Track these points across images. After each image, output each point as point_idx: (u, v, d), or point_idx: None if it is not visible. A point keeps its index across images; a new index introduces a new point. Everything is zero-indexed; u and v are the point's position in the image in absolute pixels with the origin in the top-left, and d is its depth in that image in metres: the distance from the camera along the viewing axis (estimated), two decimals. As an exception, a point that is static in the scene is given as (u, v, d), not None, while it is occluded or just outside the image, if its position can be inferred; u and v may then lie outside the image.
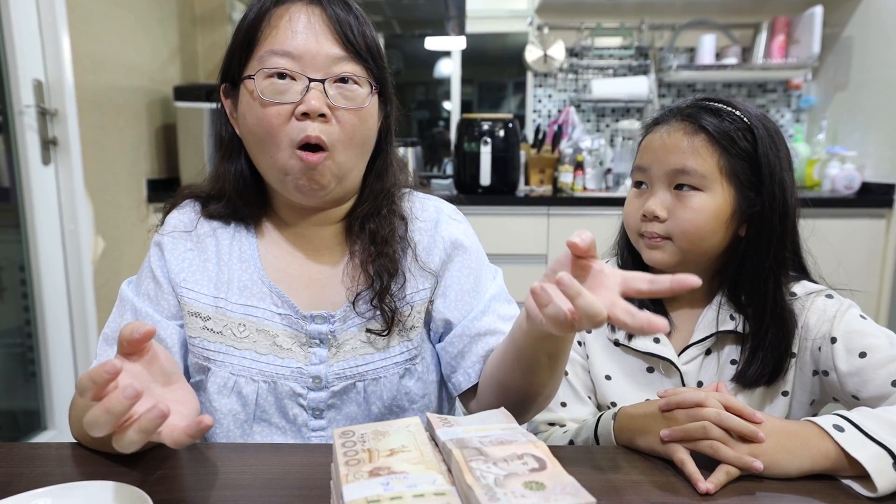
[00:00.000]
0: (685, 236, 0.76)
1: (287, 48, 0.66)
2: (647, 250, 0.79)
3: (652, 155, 0.78)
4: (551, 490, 0.40)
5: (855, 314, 0.74)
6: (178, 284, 0.74)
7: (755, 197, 0.75)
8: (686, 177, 0.75)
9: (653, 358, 0.80)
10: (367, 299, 0.73)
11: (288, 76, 0.66)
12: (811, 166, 2.53)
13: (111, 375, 0.45)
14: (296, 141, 0.66)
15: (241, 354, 0.72)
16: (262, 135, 0.67)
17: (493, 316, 0.76)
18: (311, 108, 0.65)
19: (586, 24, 2.76)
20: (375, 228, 0.75)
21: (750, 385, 0.76)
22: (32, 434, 1.90)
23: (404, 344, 0.75)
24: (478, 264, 0.79)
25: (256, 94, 0.67)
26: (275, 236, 0.78)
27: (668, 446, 0.61)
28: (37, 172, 1.82)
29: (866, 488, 0.56)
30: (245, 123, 0.70)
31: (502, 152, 2.34)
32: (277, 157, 0.68)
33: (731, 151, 0.74)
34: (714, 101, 0.78)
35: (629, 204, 0.82)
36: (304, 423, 0.73)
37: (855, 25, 2.47)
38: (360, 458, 0.46)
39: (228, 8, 2.78)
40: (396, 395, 0.74)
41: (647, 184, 0.80)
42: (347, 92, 0.68)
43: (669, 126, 0.78)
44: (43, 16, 1.79)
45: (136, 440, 0.46)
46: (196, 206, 0.79)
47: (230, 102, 0.74)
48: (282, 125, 0.66)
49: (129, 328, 0.50)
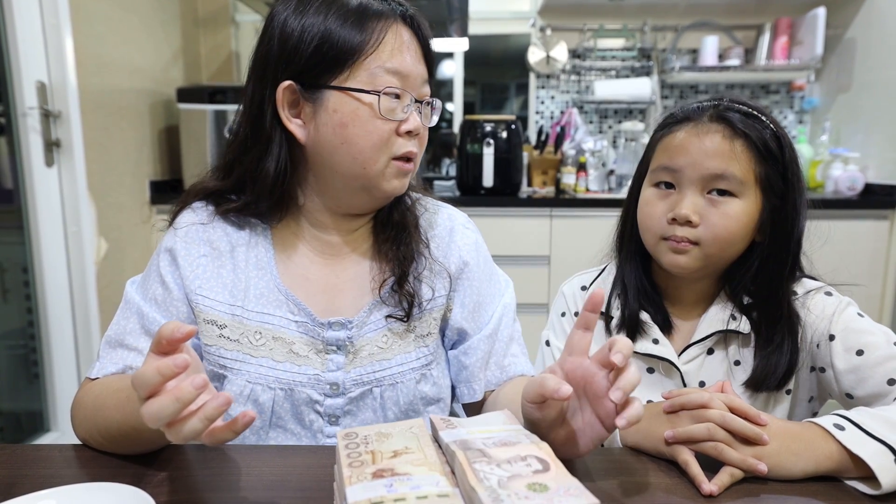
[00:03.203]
0: (716, 242, 0.74)
1: (398, 67, 0.70)
2: (670, 254, 0.76)
3: (686, 157, 0.74)
4: (555, 492, 0.40)
5: (853, 312, 0.74)
6: (192, 292, 0.73)
7: (780, 203, 0.75)
8: (724, 182, 0.73)
9: (652, 359, 0.80)
10: (390, 285, 0.75)
11: (398, 95, 0.70)
12: (814, 168, 2.53)
13: (180, 369, 0.46)
14: (397, 154, 0.72)
15: (258, 362, 0.72)
16: (368, 146, 0.70)
17: (501, 344, 0.80)
18: (416, 127, 0.72)
19: (589, 26, 2.76)
20: (399, 218, 0.78)
21: (760, 390, 0.76)
22: (35, 436, 1.90)
23: (421, 350, 0.75)
24: (489, 277, 0.82)
25: (376, 108, 0.69)
26: (294, 241, 0.77)
27: (673, 448, 0.61)
28: (40, 174, 1.83)
29: (870, 487, 0.56)
30: (342, 133, 0.69)
31: (505, 154, 2.34)
32: (373, 167, 0.71)
33: (767, 159, 0.74)
34: (742, 104, 0.76)
35: (651, 205, 0.78)
36: (320, 429, 0.73)
37: (858, 27, 2.47)
38: (363, 459, 0.46)
39: (231, 10, 2.79)
40: (413, 400, 0.74)
41: (676, 185, 0.76)
42: (428, 111, 0.76)
43: (699, 127, 0.75)
44: (46, 18, 1.80)
45: (200, 428, 0.47)
46: (209, 208, 0.77)
47: (292, 100, 0.70)
48: (390, 138, 0.71)
49: (171, 327, 0.49)
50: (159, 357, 0.49)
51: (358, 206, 0.76)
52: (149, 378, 0.46)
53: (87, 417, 0.66)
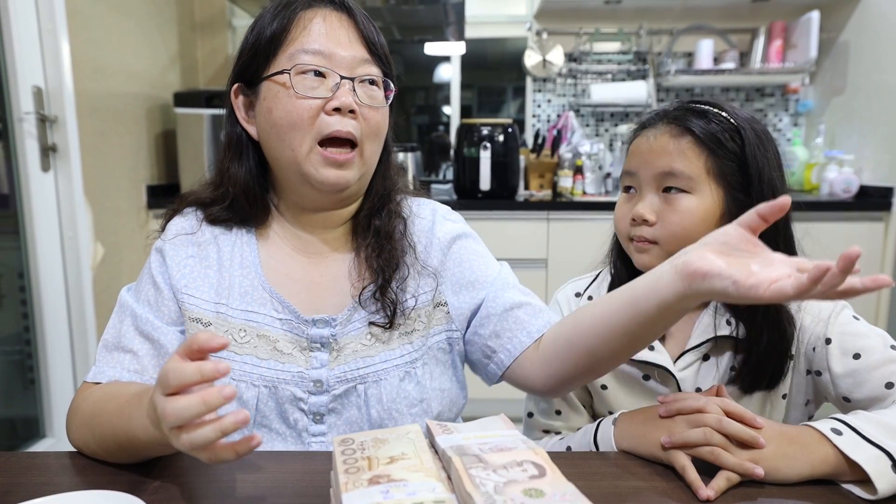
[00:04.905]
0: (674, 239, 0.75)
1: (320, 47, 0.70)
2: (636, 254, 0.79)
3: (639, 158, 0.78)
4: (551, 497, 0.40)
5: (848, 315, 0.74)
6: (179, 290, 0.74)
7: (745, 198, 0.75)
8: (673, 179, 0.75)
9: (648, 366, 0.80)
10: (371, 293, 0.75)
11: (320, 74, 0.70)
12: (809, 170, 2.54)
13: (222, 375, 0.47)
14: (323, 134, 0.70)
15: (242, 360, 0.72)
16: (288, 126, 0.70)
17: (513, 291, 0.78)
18: (344, 103, 0.69)
19: (585, 30, 2.77)
20: (380, 225, 0.77)
21: (749, 390, 0.76)
22: (31, 442, 1.89)
23: (405, 347, 0.75)
24: (481, 250, 0.82)
25: (290, 87, 0.70)
26: (277, 241, 0.78)
27: (669, 452, 0.61)
28: (36, 179, 1.82)
29: (866, 491, 0.56)
30: (269, 118, 0.72)
31: (502, 157, 2.34)
32: (298, 150, 0.70)
33: (717, 153, 0.74)
34: (700, 104, 0.78)
35: (618, 209, 0.82)
36: (305, 427, 0.73)
37: (851, 30, 2.48)
38: (359, 465, 0.46)
39: (228, 14, 2.79)
40: (395, 398, 0.74)
41: (636, 188, 0.80)
42: (371, 92, 0.73)
43: (656, 129, 0.78)
44: (43, 22, 1.80)
45: (212, 438, 0.47)
46: (198, 213, 0.80)
47: (244, 102, 0.75)
48: (312, 118, 0.70)
49: (206, 336, 0.49)
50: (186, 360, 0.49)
51: (314, 202, 0.76)
52: (187, 375, 0.47)
53: (83, 423, 0.66)
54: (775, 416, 0.77)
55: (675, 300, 0.56)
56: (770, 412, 0.77)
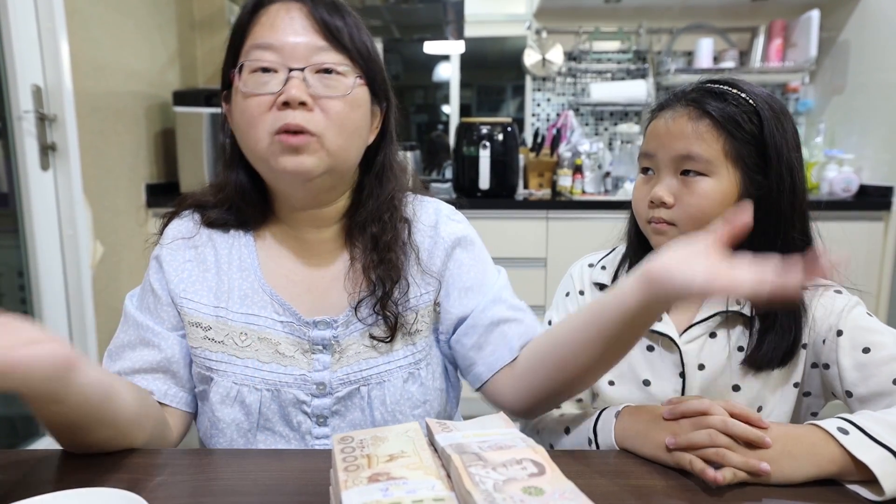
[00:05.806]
0: (691, 221, 0.75)
1: (269, 41, 0.67)
2: (654, 236, 0.79)
3: (657, 141, 0.78)
4: (550, 495, 0.40)
5: (862, 311, 0.74)
6: (177, 295, 0.74)
7: (763, 180, 0.75)
8: (691, 162, 0.75)
9: (653, 335, 0.80)
10: (369, 305, 0.73)
11: (270, 69, 0.67)
12: (809, 169, 2.53)
13: None
14: (275, 129, 0.66)
15: (244, 363, 0.72)
16: (244, 127, 0.68)
17: (503, 306, 0.77)
18: (291, 97, 0.65)
19: (584, 28, 2.77)
20: (378, 233, 0.74)
21: (760, 368, 0.76)
22: (30, 440, 1.89)
23: (408, 348, 0.75)
24: (481, 257, 0.80)
25: (240, 87, 0.68)
26: (275, 243, 0.78)
27: (674, 454, 0.61)
28: (35, 178, 1.82)
29: (873, 492, 0.56)
30: (234, 121, 0.71)
31: (501, 156, 2.34)
32: (258, 148, 0.68)
33: (735, 135, 0.74)
34: (719, 84, 0.77)
35: (637, 190, 0.82)
36: (308, 430, 0.73)
37: (851, 29, 2.48)
38: (359, 463, 0.46)
39: (227, 13, 2.78)
40: (399, 400, 0.74)
41: (654, 170, 0.80)
42: (331, 81, 0.68)
43: (674, 111, 0.77)
44: (42, 21, 1.79)
45: None
46: (195, 216, 0.79)
47: (228, 108, 0.74)
48: (262, 115, 0.67)
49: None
50: None
51: (292, 198, 0.74)
52: None
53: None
54: (785, 403, 0.77)
55: (637, 307, 0.59)
56: (779, 398, 0.77)
